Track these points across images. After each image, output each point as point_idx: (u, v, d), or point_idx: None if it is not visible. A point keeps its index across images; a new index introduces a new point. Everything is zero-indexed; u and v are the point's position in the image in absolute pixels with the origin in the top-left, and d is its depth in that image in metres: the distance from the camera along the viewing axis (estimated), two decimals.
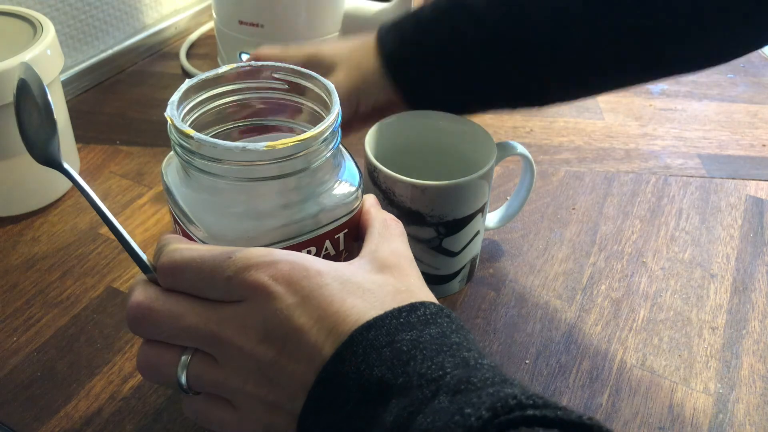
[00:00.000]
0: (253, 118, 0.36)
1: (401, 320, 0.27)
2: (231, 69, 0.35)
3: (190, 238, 0.33)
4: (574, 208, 0.62)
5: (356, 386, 0.26)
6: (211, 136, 0.31)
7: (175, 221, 0.35)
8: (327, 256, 0.34)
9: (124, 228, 0.32)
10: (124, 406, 0.43)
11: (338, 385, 0.26)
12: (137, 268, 0.53)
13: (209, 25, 0.88)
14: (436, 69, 0.48)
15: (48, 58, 0.54)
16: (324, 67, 0.49)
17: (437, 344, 0.27)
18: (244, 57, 0.73)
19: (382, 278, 0.30)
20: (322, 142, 0.31)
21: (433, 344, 0.27)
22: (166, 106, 0.33)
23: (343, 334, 0.27)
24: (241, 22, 0.71)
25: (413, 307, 0.28)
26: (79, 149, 0.63)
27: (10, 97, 0.51)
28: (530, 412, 0.23)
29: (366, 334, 0.26)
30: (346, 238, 0.35)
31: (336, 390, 0.26)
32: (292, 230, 0.32)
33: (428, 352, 0.26)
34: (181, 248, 0.30)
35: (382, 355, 0.26)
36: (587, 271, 0.55)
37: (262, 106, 0.36)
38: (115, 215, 0.58)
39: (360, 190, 0.35)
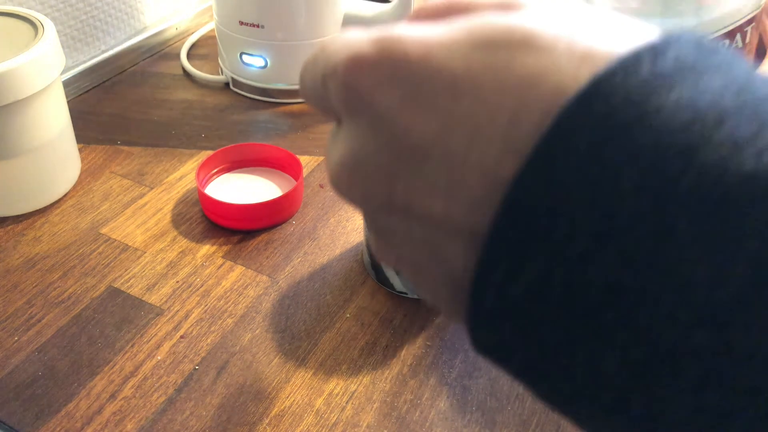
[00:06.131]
0: None
1: (645, 74, 0.14)
2: None
3: None
4: None
5: (588, 207, 0.14)
6: None
7: None
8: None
9: (125, 229, 0.32)
10: (125, 405, 0.43)
11: (546, 211, 0.15)
12: (137, 269, 0.53)
13: (210, 25, 0.88)
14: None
15: (49, 58, 0.54)
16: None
17: (738, 107, 0.14)
18: (245, 58, 0.73)
19: (560, 14, 0.17)
20: None
21: (731, 109, 0.14)
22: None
23: (521, 129, 0.15)
24: (241, 23, 0.71)
25: (656, 51, 0.15)
26: (80, 149, 0.64)
27: (11, 98, 0.52)
28: None
29: (580, 113, 0.14)
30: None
31: (544, 220, 0.15)
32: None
33: (732, 125, 0.14)
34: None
35: (631, 143, 0.14)
36: None
37: None
38: (116, 215, 0.58)
39: None
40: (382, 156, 0.18)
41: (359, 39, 0.18)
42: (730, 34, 0.42)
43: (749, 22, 0.42)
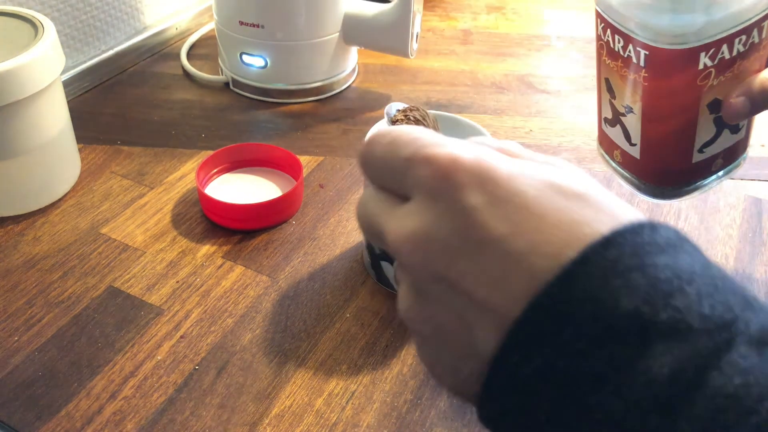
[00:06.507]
0: None
1: (646, 239, 0.21)
2: None
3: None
4: None
5: (593, 318, 0.20)
6: None
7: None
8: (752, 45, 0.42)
9: (125, 229, 0.31)
10: (125, 405, 0.43)
11: (563, 314, 0.20)
12: (137, 269, 0.53)
13: (210, 25, 0.88)
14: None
15: (49, 58, 0.54)
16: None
17: (702, 276, 0.21)
18: (245, 58, 0.73)
19: (596, 184, 0.24)
20: None
21: (698, 276, 0.21)
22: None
23: (567, 253, 0.21)
24: (241, 23, 0.71)
25: (653, 227, 0.22)
26: (80, 149, 0.64)
27: (10, 98, 0.52)
28: None
29: (603, 253, 0.20)
30: None
31: (560, 321, 0.20)
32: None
33: (698, 285, 0.20)
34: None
35: (631, 282, 0.20)
36: None
37: None
38: (116, 215, 0.59)
39: None
40: (453, 239, 0.22)
41: (458, 144, 0.23)
42: (747, 30, 0.41)
43: (766, 17, 0.42)
